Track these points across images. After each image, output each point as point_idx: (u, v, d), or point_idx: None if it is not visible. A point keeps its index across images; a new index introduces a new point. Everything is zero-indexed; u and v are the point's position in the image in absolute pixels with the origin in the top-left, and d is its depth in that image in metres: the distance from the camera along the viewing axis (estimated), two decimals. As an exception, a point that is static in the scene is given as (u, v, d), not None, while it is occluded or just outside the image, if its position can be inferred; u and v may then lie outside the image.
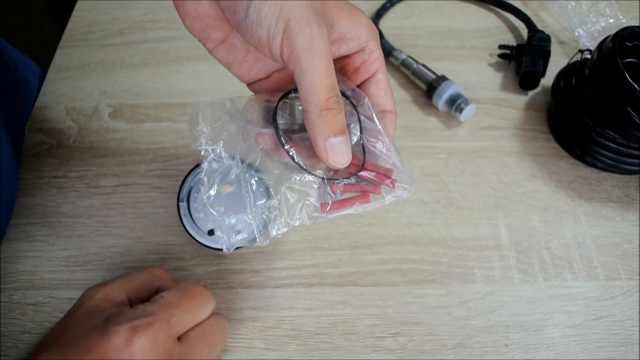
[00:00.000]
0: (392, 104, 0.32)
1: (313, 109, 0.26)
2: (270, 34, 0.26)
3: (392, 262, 0.42)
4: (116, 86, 0.53)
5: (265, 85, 0.33)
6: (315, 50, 0.25)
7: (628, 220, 0.44)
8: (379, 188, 0.31)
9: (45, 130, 0.50)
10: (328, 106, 0.26)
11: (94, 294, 0.32)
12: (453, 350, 0.38)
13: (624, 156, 0.44)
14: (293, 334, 0.39)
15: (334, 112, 0.27)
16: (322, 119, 0.27)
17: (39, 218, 0.44)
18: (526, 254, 0.42)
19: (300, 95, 0.27)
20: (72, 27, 0.58)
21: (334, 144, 0.27)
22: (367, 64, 0.31)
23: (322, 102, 0.26)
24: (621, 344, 0.38)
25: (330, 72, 0.26)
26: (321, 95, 0.26)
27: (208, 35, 0.30)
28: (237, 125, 0.30)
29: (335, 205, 0.30)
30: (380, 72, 0.31)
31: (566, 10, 0.56)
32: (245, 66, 0.32)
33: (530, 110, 0.51)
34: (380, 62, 0.31)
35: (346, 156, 0.28)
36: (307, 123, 0.27)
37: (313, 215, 0.30)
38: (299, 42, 0.25)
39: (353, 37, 0.29)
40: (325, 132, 0.27)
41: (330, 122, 0.27)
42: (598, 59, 0.43)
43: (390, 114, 0.32)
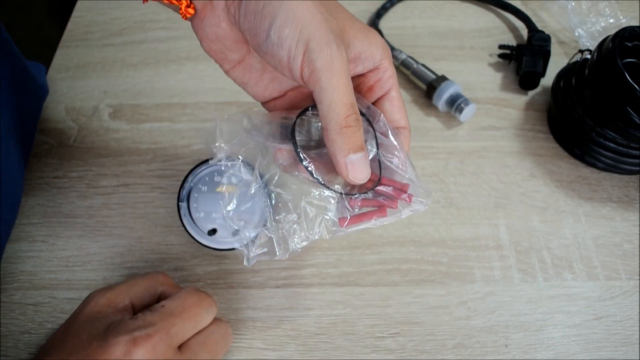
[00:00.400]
0: (406, 120, 0.33)
1: (333, 127, 0.27)
2: (292, 55, 0.26)
3: (392, 262, 0.42)
4: (116, 86, 0.53)
5: (281, 104, 0.34)
6: (334, 69, 0.26)
7: (628, 220, 0.44)
8: (396, 202, 0.31)
9: (45, 130, 0.50)
10: (348, 123, 0.27)
11: (98, 299, 0.32)
12: (453, 350, 0.38)
13: (624, 156, 0.44)
14: (293, 334, 0.39)
15: (353, 129, 0.27)
16: (342, 136, 0.27)
17: (39, 218, 0.44)
18: (526, 254, 0.42)
19: (320, 113, 0.27)
20: (72, 27, 0.58)
21: (354, 160, 0.28)
22: (381, 82, 0.32)
23: (342, 120, 0.27)
24: (621, 344, 0.38)
25: (350, 90, 0.27)
26: (341, 113, 0.27)
27: (225, 57, 0.31)
28: (255, 141, 0.31)
29: (353, 219, 0.31)
30: (393, 90, 0.32)
31: (566, 10, 0.56)
32: (260, 85, 0.33)
33: (530, 110, 0.51)
34: (393, 80, 0.32)
35: (365, 172, 0.29)
36: (327, 140, 0.28)
37: (332, 230, 0.31)
38: (319, 62, 0.26)
39: (368, 56, 0.30)
40: (345, 149, 0.28)
41: (349, 139, 0.27)
42: (598, 59, 0.43)
43: (404, 130, 0.33)
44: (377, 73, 0.31)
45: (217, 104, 0.51)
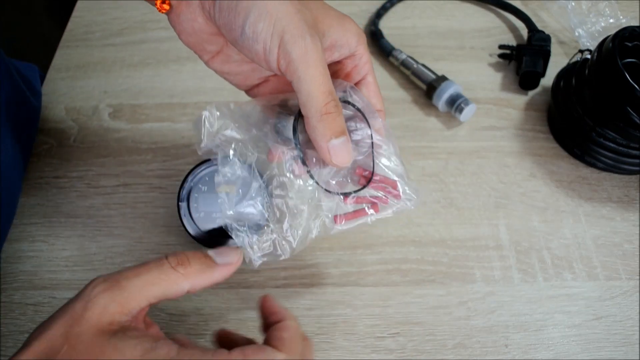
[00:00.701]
0: (381, 104, 0.34)
1: (313, 115, 0.28)
2: (267, 48, 0.27)
3: (392, 262, 0.42)
4: (116, 86, 0.53)
5: (264, 89, 0.34)
6: (310, 59, 0.27)
7: (628, 220, 0.44)
8: (387, 199, 0.32)
9: (45, 130, 0.50)
10: (327, 110, 0.28)
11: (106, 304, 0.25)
12: (453, 350, 0.38)
13: (624, 156, 0.44)
14: (293, 334, 0.39)
15: (333, 115, 0.28)
16: (323, 123, 0.28)
17: (39, 218, 0.44)
18: (526, 254, 0.42)
19: (300, 102, 0.28)
20: (72, 27, 0.58)
21: (336, 145, 0.29)
22: (357, 68, 0.32)
23: (321, 107, 0.28)
24: (621, 344, 0.38)
25: (326, 78, 0.28)
26: (320, 101, 0.28)
27: (204, 48, 0.32)
28: (247, 134, 0.31)
29: (348, 216, 0.32)
30: (369, 75, 0.33)
31: (566, 10, 0.56)
32: (241, 75, 0.33)
33: (530, 110, 0.51)
34: (369, 66, 0.33)
35: (347, 155, 0.29)
36: (308, 128, 0.29)
37: (328, 227, 0.31)
38: (294, 53, 0.27)
39: (344, 43, 0.31)
40: (327, 135, 0.28)
41: (330, 125, 0.28)
42: (598, 59, 0.43)
43: (380, 113, 0.33)
44: (353, 60, 0.32)
45: (217, 104, 0.51)
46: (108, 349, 0.24)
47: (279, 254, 0.31)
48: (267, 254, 0.31)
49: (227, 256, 0.29)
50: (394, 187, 0.32)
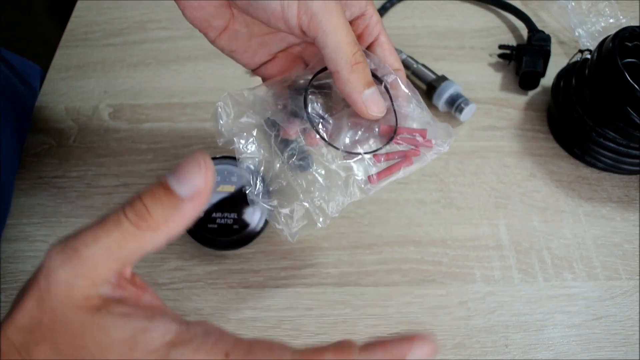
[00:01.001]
0: (399, 62, 0.33)
1: (344, 66, 0.27)
2: (285, 3, 0.26)
3: (392, 262, 0.42)
4: (116, 86, 0.53)
5: (271, 68, 0.34)
6: (332, 10, 0.26)
7: (628, 220, 0.44)
8: (418, 150, 0.32)
9: (45, 130, 0.50)
10: (356, 60, 0.27)
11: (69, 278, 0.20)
12: (453, 350, 0.38)
13: (624, 156, 0.44)
14: (293, 334, 0.39)
15: (362, 64, 0.28)
16: (355, 74, 0.28)
17: (39, 218, 0.44)
18: (526, 254, 0.42)
19: (327, 57, 0.28)
20: (72, 27, 0.58)
21: (369, 96, 0.28)
22: (369, 29, 0.32)
23: (350, 58, 0.27)
24: (621, 344, 0.38)
25: (350, 28, 0.27)
26: (348, 51, 0.27)
27: (210, 25, 0.31)
28: (265, 118, 0.30)
29: (381, 174, 0.31)
30: (382, 35, 0.32)
31: (566, 10, 0.56)
32: (249, 51, 0.33)
33: (530, 110, 0.51)
34: (380, 26, 0.32)
35: (381, 104, 0.29)
36: (339, 82, 0.28)
37: (364, 188, 0.31)
38: (315, 6, 0.26)
39: (354, 2, 0.30)
40: (360, 86, 0.28)
41: (361, 75, 0.28)
42: (598, 59, 0.43)
43: (400, 72, 0.33)
44: (363, 20, 0.31)
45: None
46: (91, 328, 0.20)
47: (316, 224, 0.31)
48: (304, 226, 0.30)
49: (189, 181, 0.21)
50: (423, 136, 0.31)
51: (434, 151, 0.31)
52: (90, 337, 0.20)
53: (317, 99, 0.32)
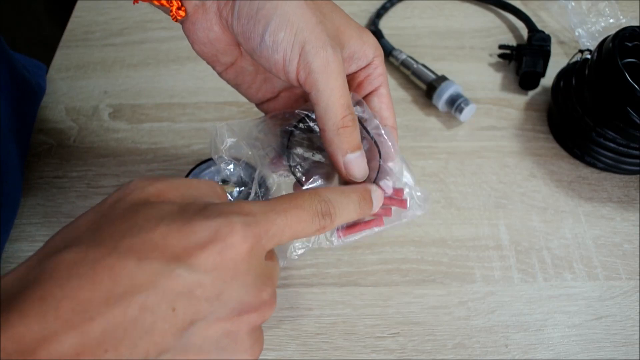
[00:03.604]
0: (393, 120, 0.32)
1: (331, 127, 0.28)
2: (287, 58, 0.27)
3: (392, 262, 0.42)
4: (116, 86, 0.53)
5: (274, 105, 0.34)
6: (330, 71, 0.27)
7: (628, 220, 0.44)
8: (389, 210, 0.31)
9: (45, 130, 0.50)
10: (345, 124, 0.27)
11: (144, 186, 0.23)
12: (453, 350, 0.38)
13: (624, 156, 0.44)
14: (293, 334, 0.39)
15: (350, 129, 0.28)
16: (340, 137, 0.28)
17: (39, 218, 0.44)
18: (526, 254, 0.42)
19: (317, 115, 0.28)
20: (72, 27, 0.58)
21: (352, 159, 0.28)
22: (370, 78, 0.32)
23: (339, 121, 0.27)
24: (621, 344, 0.38)
25: (346, 91, 0.27)
26: (338, 114, 0.27)
27: (218, 60, 0.31)
28: (254, 150, 0.31)
29: (349, 230, 0.31)
30: (383, 87, 0.32)
31: (566, 10, 0.56)
32: (253, 87, 0.33)
33: (530, 110, 0.51)
34: (383, 78, 0.32)
35: (362, 169, 0.29)
36: (324, 141, 0.28)
37: (330, 239, 0.31)
38: (315, 64, 0.26)
39: (361, 55, 0.30)
40: (343, 149, 0.28)
41: (347, 139, 0.28)
42: (598, 59, 0.43)
43: (392, 129, 0.32)
44: (367, 69, 0.31)
45: (217, 104, 0.51)
46: (144, 207, 0.22)
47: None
48: None
49: (378, 203, 0.29)
50: (398, 195, 0.31)
51: (408, 214, 0.31)
52: (141, 214, 0.22)
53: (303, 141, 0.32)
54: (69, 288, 0.18)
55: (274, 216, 0.23)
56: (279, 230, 0.23)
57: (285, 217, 0.24)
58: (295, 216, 0.24)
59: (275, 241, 0.24)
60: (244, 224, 0.22)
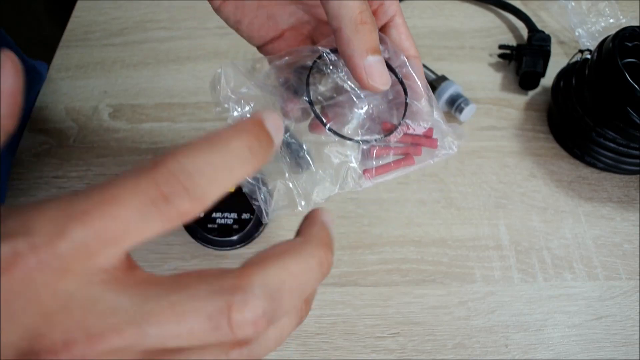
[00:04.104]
0: (415, 49, 0.30)
1: (348, 24, 0.24)
2: None
3: (392, 262, 0.42)
4: (116, 86, 0.53)
5: (278, 46, 0.32)
6: None
7: (628, 220, 0.44)
8: (420, 148, 0.29)
9: (45, 130, 0.50)
10: (363, 19, 0.24)
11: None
12: (453, 350, 0.38)
13: (624, 156, 0.44)
14: (293, 334, 0.39)
15: (369, 26, 0.25)
16: (359, 34, 0.25)
17: (39, 218, 0.44)
18: (526, 254, 0.42)
19: (331, 13, 0.25)
20: (72, 27, 0.58)
21: (372, 63, 0.25)
22: (384, 7, 0.28)
23: (356, 15, 0.24)
24: (621, 344, 0.38)
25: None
26: (355, 7, 0.24)
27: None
28: (264, 92, 0.29)
29: (379, 169, 0.29)
30: (398, 16, 0.29)
31: (566, 10, 0.56)
32: (255, 24, 0.30)
33: (530, 110, 0.51)
34: (397, 6, 0.29)
35: (385, 76, 0.26)
36: (340, 42, 0.25)
37: (358, 182, 0.29)
38: None
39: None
40: (363, 50, 0.25)
41: (366, 38, 0.25)
42: (598, 59, 0.43)
43: (416, 60, 0.30)
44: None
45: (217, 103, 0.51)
46: None
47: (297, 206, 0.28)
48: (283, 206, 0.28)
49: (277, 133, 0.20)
50: (429, 134, 0.29)
51: (440, 152, 0.29)
52: None
53: (322, 80, 0.29)
54: None
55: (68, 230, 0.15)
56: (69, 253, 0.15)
57: (82, 228, 0.15)
58: (102, 219, 0.15)
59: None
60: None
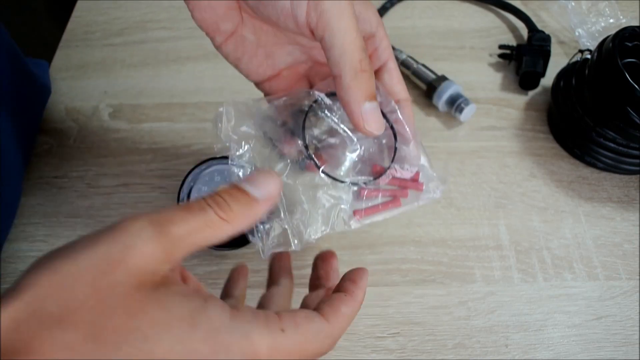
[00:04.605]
0: (406, 92, 0.31)
1: (348, 71, 0.26)
2: (295, 2, 0.25)
3: (392, 262, 0.42)
4: (116, 86, 0.53)
5: (276, 84, 0.33)
6: (343, 10, 0.25)
7: (628, 220, 0.44)
8: (407, 191, 0.31)
9: (45, 130, 0.50)
10: (362, 67, 0.26)
11: (145, 247, 0.20)
12: (453, 350, 0.38)
13: (624, 156, 0.44)
14: (293, 334, 0.39)
15: (367, 74, 0.26)
16: (358, 82, 0.26)
17: (39, 218, 0.44)
18: (526, 254, 0.42)
19: (331, 60, 0.26)
20: (72, 27, 0.58)
21: (369, 109, 0.26)
22: (378, 52, 0.30)
23: (356, 63, 0.26)
24: (621, 344, 0.38)
25: (359, 33, 0.26)
26: (355, 56, 0.25)
27: (217, 28, 0.30)
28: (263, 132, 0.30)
29: (368, 211, 0.30)
30: (391, 61, 0.31)
31: (566, 10, 0.56)
32: (254, 62, 0.32)
33: (530, 110, 0.51)
34: (390, 52, 0.31)
35: (380, 122, 0.27)
36: (339, 88, 0.26)
37: (348, 222, 0.30)
38: (326, 4, 0.25)
39: (365, 18, 0.29)
40: (361, 97, 0.26)
41: (364, 85, 0.26)
42: (598, 59, 0.43)
43: (407, 102, 0.31)
44: (373, 42, 0.30)
45: (217, 104, 0.51)
46: (151, 305, 0.19)
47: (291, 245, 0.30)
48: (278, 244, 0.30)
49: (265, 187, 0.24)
50: (415, 178, 0.30)
51: (425, 196, 0.31)
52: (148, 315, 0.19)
53: (317, 123, 0.31)
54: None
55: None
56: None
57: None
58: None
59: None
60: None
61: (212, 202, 0.22)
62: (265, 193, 0.24)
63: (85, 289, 0.19)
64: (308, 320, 0.23)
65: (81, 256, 0.20)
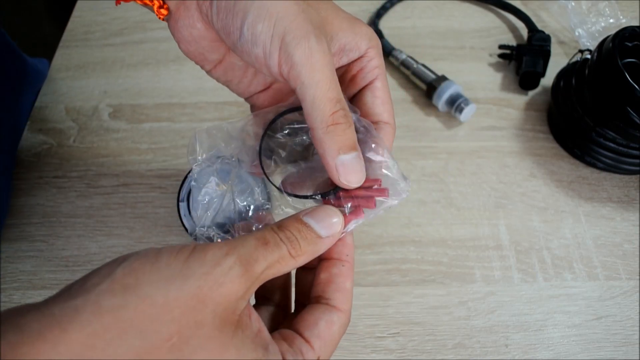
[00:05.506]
0: (389, 115, 0.29)
1: (319, 125, 0.25)
2: (267, 51, 0.25)
3: (392, 262, 0.42)
4: (116, 86, 0.53)
5: (265, 97, 0.32)
6: (315, 62, 0.24)
7: (628, 220, 0.44)
8: (372, 200, 0.29)
9: (45, 130, 0.50)
10: (335, 120, 0.25)
11: (240, 289, 0.22)
12: (453, 350, 0.38)
13: (624, 156, 0.44)
14: (293, 334, 0.39)
15: (342, 126, 0.25)
16: (330, 135, 0.25)
17: (39, 218, 0.44)
18: (526, 254, 0.42)
19: (304, 112, 0.25)
20: (72, 27, 0.58)
21: (345, 162, 0.26)
22: (364, 72, 0.29)
23: (327, 117, 0.25)
24: (621, 344, 0.38)
25: (334, 84, 0.25)
26: (326, 110, 0.25)
27: (205, 58, 0.30)
28: (233, 151, 0.30)
29: None
30: (378, 80, 0.29)
31: (566, 10, 0.56)
32: (244, 82, 0.32)
33: (530, 110, 0.51)
34: (379, 71, 0.29)
35: (359, 173, 0.26)
36: (314, 141, 0.26)
37: None
38: (297, 56, 0.24)
39: (353, 47, 0.28)
40: (334, 149, 0.25)
41: (338, 138, 0.25)
42: (598, 59, 0.43)
43: (386, 126, 0.29)
44: (360, 62, 0.29)
45: (217, 103, 0.51)
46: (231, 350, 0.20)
47: None
48: None
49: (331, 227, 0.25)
50: (378, 184, 0.29)
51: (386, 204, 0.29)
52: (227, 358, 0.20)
53: (291, 141, 0.30)
54: None
55: None
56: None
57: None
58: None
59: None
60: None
61: (285, 239, 0.24)
62: (331, 232, 0.25)
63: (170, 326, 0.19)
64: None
65: (172, 287, 0.20)
